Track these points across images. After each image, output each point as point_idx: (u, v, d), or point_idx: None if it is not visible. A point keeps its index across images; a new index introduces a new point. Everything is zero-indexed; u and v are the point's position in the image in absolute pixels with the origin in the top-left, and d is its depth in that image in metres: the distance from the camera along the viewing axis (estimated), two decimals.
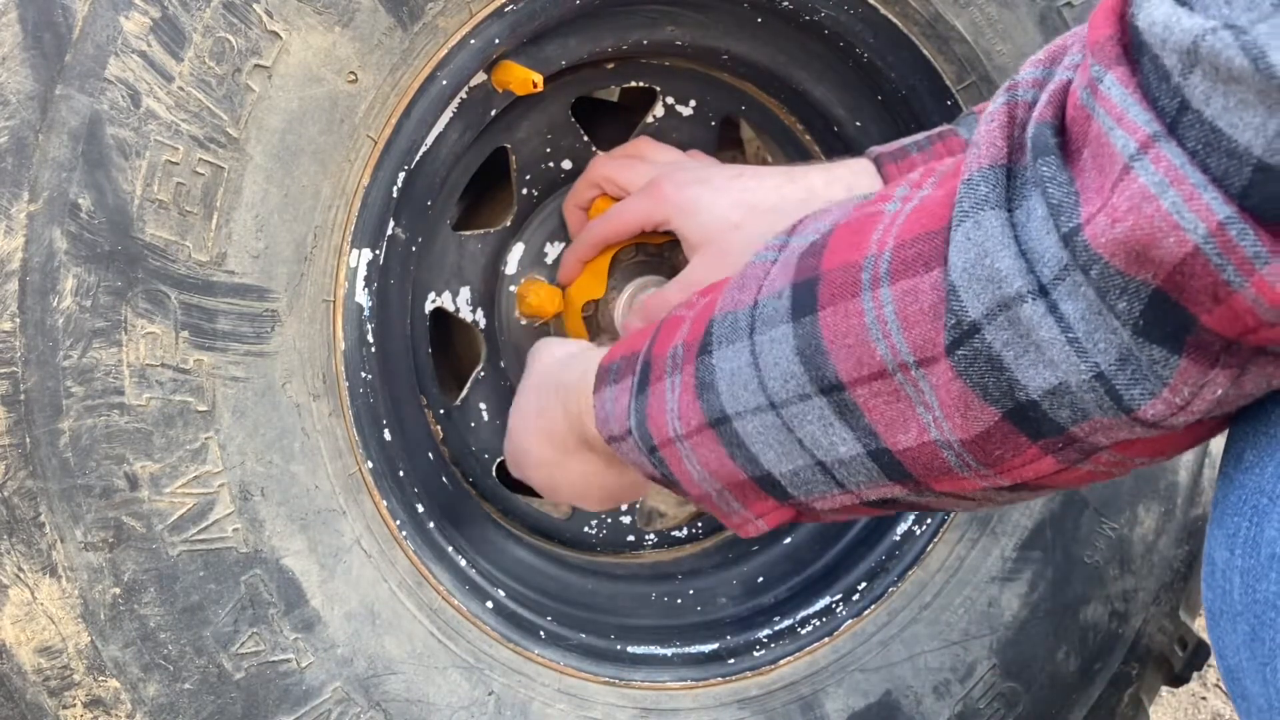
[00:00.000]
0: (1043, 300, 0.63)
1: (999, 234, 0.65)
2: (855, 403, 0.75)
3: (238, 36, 1.01)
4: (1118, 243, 0.59)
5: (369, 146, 1.09)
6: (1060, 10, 1.27)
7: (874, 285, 0.73)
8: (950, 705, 1.36)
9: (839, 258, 0.76)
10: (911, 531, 1.38)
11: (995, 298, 0.65)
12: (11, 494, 0.99)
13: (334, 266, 1.10)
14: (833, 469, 0.80)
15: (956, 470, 0.74)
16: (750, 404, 0.82)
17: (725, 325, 0.84)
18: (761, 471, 0.84)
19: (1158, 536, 1.42)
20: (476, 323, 1.39)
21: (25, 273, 0.97)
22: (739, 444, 0.84)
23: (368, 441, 1.15)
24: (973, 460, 0.72)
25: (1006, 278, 0.64)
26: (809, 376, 0.77)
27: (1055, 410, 0.66)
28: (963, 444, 0.71)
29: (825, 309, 0.76)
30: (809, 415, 0.78)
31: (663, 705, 1.27)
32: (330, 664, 1.11)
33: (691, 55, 1.38)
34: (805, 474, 0.82)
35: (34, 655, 1.02)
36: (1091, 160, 0.62)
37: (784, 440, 0.81)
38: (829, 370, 0.76)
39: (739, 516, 0.90)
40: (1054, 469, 0.71)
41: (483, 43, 1.14)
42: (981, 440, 0.70)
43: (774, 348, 0.79)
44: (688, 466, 0.90)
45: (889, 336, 0.71)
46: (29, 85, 0.96)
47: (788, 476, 0.83)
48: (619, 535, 1.48)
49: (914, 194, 0.75)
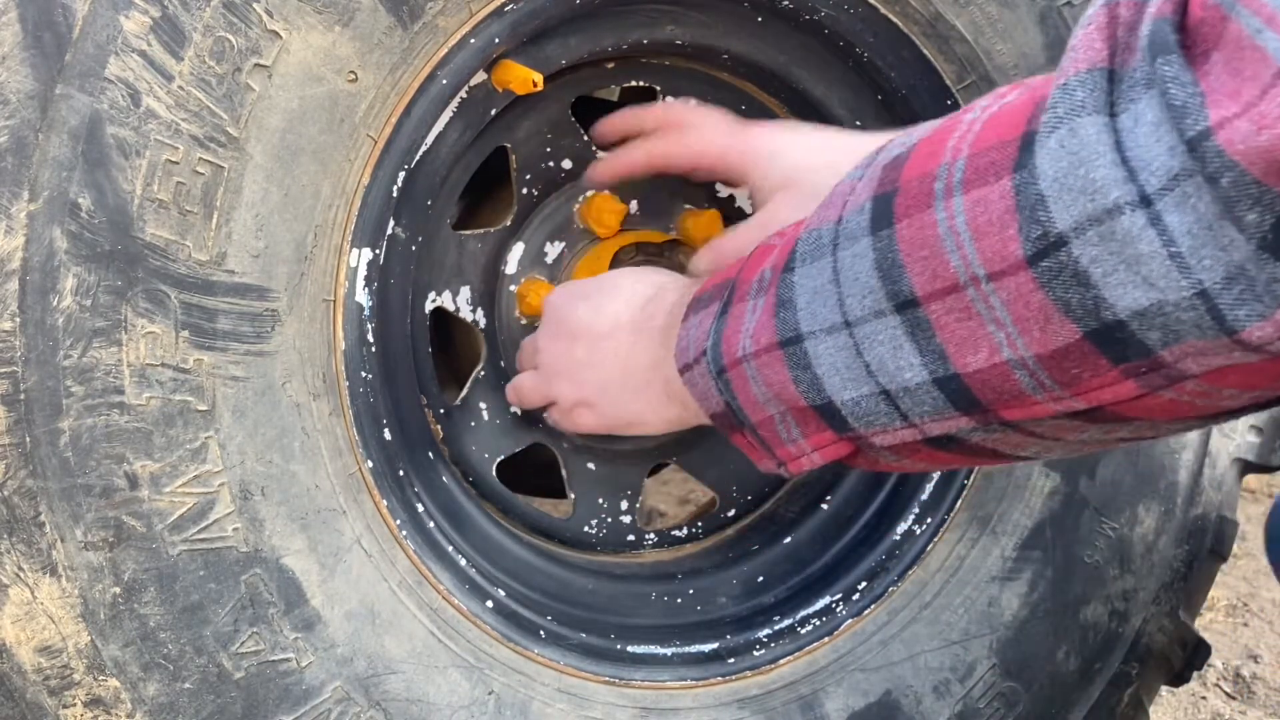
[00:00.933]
0: (1144, 211, 0.60)
1: (1097, 141, 0.62)
2: (929, 319, 0.73)
3: (238, 36, 1.01)
4: (1261, 151, 0.56)
5: (369, 146, 1.09)
6: (1060, 10, 1.27)
7: (947, 195, 0.71)
8: (950, 705, 1.36)
9: (917, 168, 0.74)
10: (911, 531, 1.38)
11: (1087, 210, 0.62)
12: (11, 493, 0.99)
13: (334, 266, 1.10)
14: (897, 398, 0.78)
15: (1028, 392, 0.71)
16: (825, 322, 0.80)
17: (810, 243, 0.83)
18: (823, 399, 0.82)
19: (1158, 536, 1.42)
20: (476, 322, 1.39)
21: (25, 272, 0.97)
22: (806, 366, 0.82)
23: (368, 441, 1.15)
24: (1047, 378, 0.69)
25: (1103, 188, 0.62)
26: (886, 291, 0.75)
27: (1144, 332, 0.63)
28: (1038, 359, 0.68)
29: (901, 221, 0.74)
30: (880, 335, 0.76)
31: (662, 705, 1.27)
32: (330, 663, 1.11)
33: (691, 55, 1.38)
34: (868, 403, 0.80)
35: (34, 654, 1.02)
36: (1225, 64, 0.58)
37: (852, 364, 0.79)
38: (905, 284, 0.74)
39: (795, 447, 0.88)
40: (1134, 394, 0.68)
41: (483, 42, 1.14)
42: (1058, 357, 0.68)
43: (855, 263, 0.77)
44: (753, 388, 0.88)
45: (962, 248, 0.69)
46: (29, 84, 0.96)
47: (849, 405, 0.81)
48: (619, 535, 1.48)
49: (995, 102, 0.73)
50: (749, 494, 1.52)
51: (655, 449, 1.50)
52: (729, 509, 1.52)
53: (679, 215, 1.45)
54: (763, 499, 1.52)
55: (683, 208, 1.45)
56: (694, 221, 1.43)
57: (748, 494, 1.52)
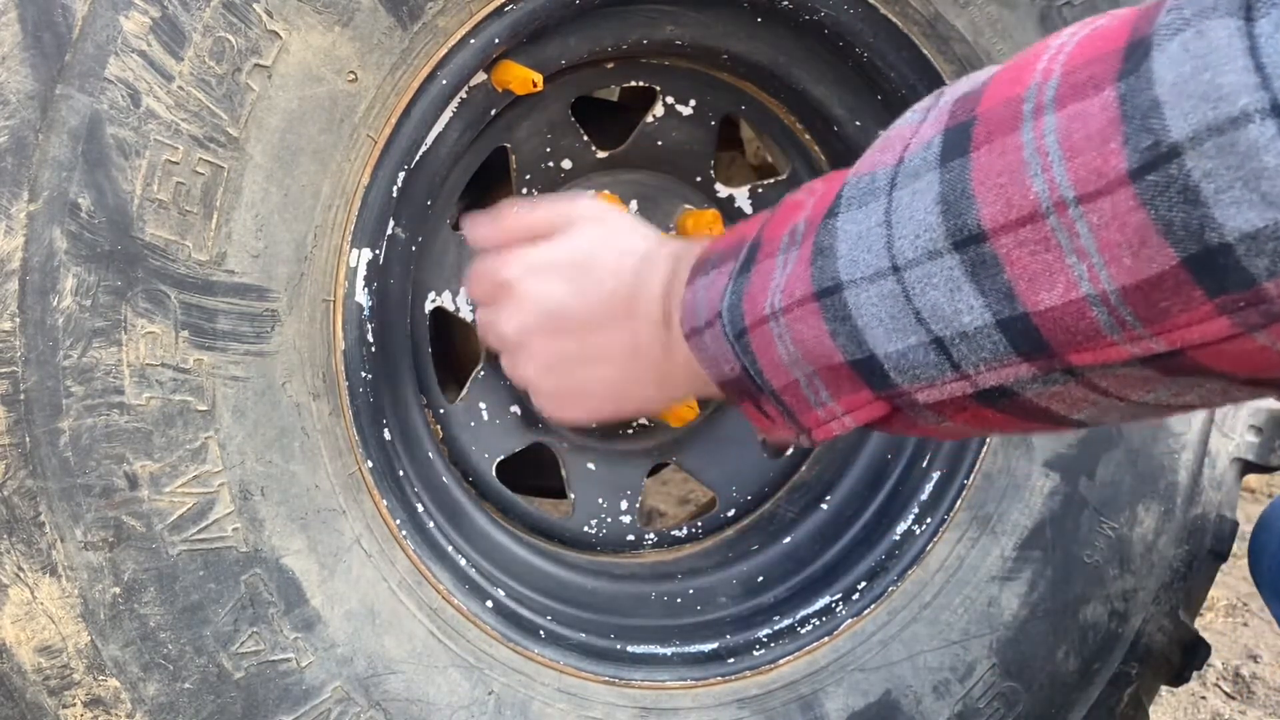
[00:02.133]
0: (1275, 121, 0.57)
1: (1228, 45, 0.58)
2: (996, 254, 0.68)
3: (237, 36, 1.01)
4: None
5: (369, 146, 1.09)
6: (1060, 10, 1.27)
7: (1037, 114, 0.66)
8: (950, 705, 1.36)
9: (999, 94, 0.70)
10: (911, 531, 1.38)
11: (1208, 118, 0.59)
12: (11, 493, 0.99)
13: (334, 266, 1.10)
14: (950, 345, 0.73)
15: (1105, 332, 0.66)
16: (870, 268, 0.75)
17: (859, 187, 0.78)
18: (864, 353, 0.77)
19: (1157, 536, 1.42)
20: (476, 322, 1.39)
21: (25, 272, 0.97)
22: (845, 318, 0.77)
23: (368, 441, 1.15)
24: (1129, 314, 0.64)
25: (1230, 94, 0.58)
26: (946, 228, 0.70)
27: (1250, 258, 0.59)
28: (1123, 292, 0.64)
29: (979, 149, 0.69)
30: (935, 277, 0.71)
31: (662, 704, 1.27)
32: (330, 663, 1.11)
33: (691, 55, 1.38)
34: (915, 354, 0.75)
35: (34, 654, 1.02)
36: None
37: (899, 313, 0.74)
38: (971, 217, 0.69)
39: (824, 411, 0.83)
40: (1225, 333, 0.63)
41: (483, 42, 1.14)
42: (1147, 287, 0.63)
43: (914, 200, 0.73)
44: (778, 349, 0.82)
45: (1049, 170, 0.65)
46: (29, 85, 0.96)
47: (893, 358, 0.76)
48: (619, 535, 1.48)
49: (1083, 28, 0.69)
50: (749, 494, 1.52)
51: (655, 449, 1.50)
52: (729, 509, 1.52)
53: (679, 215, 1.45)
54: (762, 499, 1.52)
55: (682, 208, 1.45)
56: (694, 221, 1.43)
57: (747, 494, 1.52)
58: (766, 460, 1.54)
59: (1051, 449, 1.39)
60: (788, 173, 1.50)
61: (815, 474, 1.52)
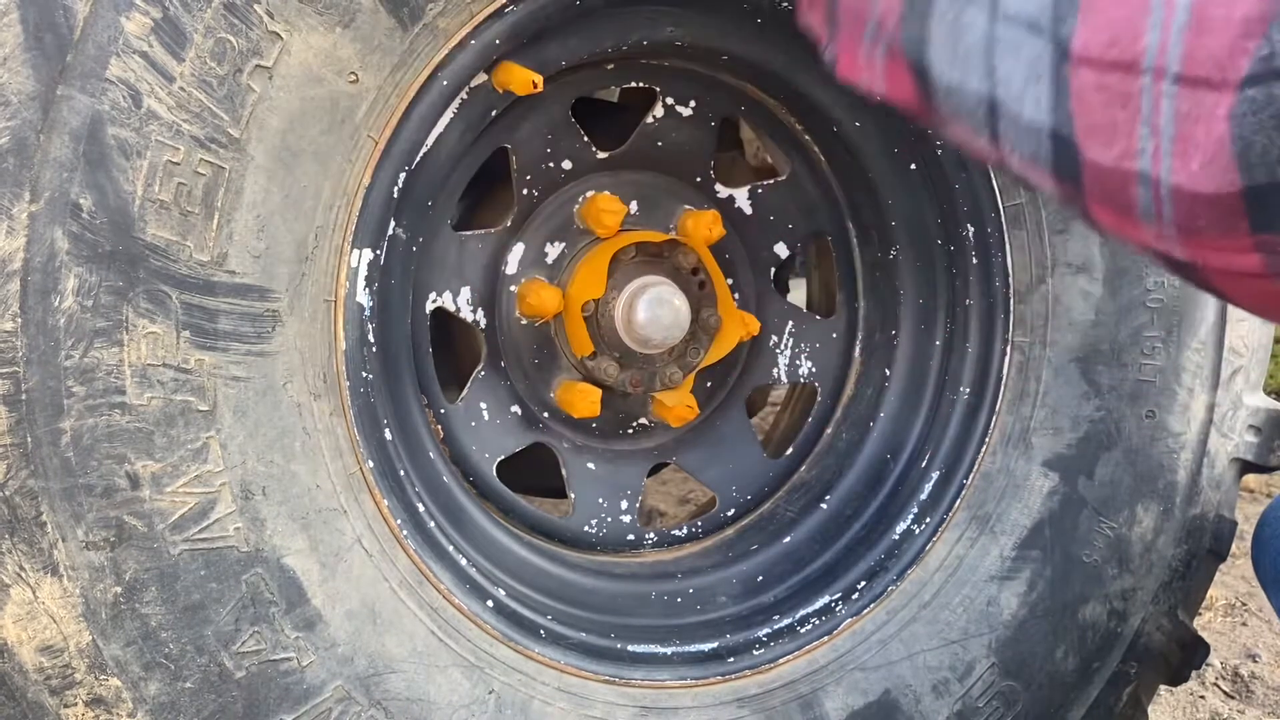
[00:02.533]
0: None
1: None
2: (1068, 81, 0.63)
3: (239, 37, 1.01)
4: None
5: (370, 147, 1.09)
6: None
7: None
8: (949, 704, 1.36)
9: None
10: (910, 531, 1.39)
11: None
12: (13, 493, 0.99)
13: (335, 266, 1.10)
14: (1002, 115, 0.67)
15: (1139, 214, 0.62)
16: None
17: None
18: (920, 64, 0.71)
19: (1156, 536, 1.42)
20: (477, 322, 1.39)
21: (27, 273, 0.98)
22: (923, 15, 0.70)
23: (368, 441, 1.15)
24: (1170, 213, 0.61)
25: None
26: (1052, 14, 0.64)
27: None
28: (1174, 192, 0.60)
29: None
30: (1023, 51, 0.65)
31: (662, 704, 1.27)
32: (331, 663, 1.11)
33: (691, 55, 1.38)
34: (966, 100, 0.69)
35: (35, 654, 1.02)
36: None
37: (973, 54, 0.67)
38: (1068, 26, 0.63)
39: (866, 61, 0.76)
40: (1253, 269, 0.60)
41: (483, 43, 1.14)
42: (1199, 201, 0.59)
43: None
44: None
45: (1167, 28, 0.59)
46: (30, 85, 0.96)
47: (946, 89, 0.70)
48: (619, 535, 1.48)
49: None
50: (748, 494, 1.52)
51: (655, 449, 1.50)
52: (729, 509, 1.52)
53: (679, 215, 1.45)
54: (762, 499, 1.53)
55: (682, 208, 1.46)
56: (694, 221, 1.43)
57: (747, 494, 1.52)
58: (767, 460, 1.54)
59: (1051, 449, 1.39)
60: (788, 173, 1.51)
61: (815, 474, 1.52)
